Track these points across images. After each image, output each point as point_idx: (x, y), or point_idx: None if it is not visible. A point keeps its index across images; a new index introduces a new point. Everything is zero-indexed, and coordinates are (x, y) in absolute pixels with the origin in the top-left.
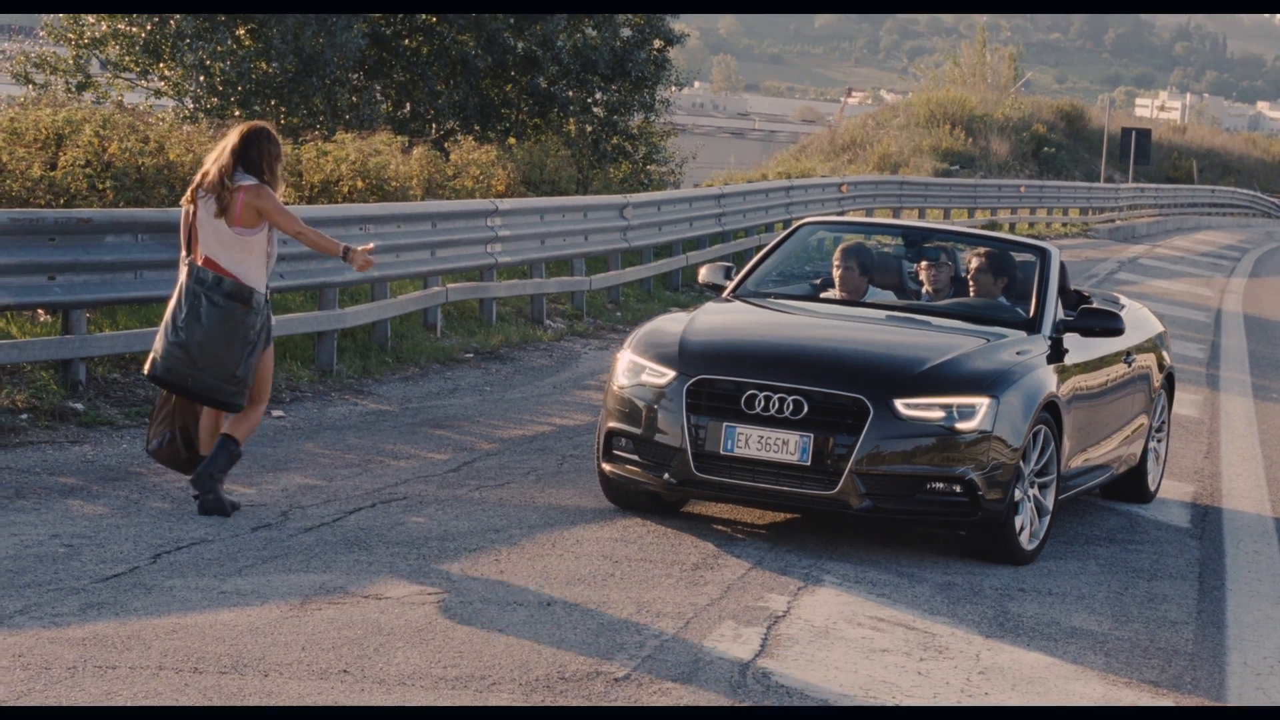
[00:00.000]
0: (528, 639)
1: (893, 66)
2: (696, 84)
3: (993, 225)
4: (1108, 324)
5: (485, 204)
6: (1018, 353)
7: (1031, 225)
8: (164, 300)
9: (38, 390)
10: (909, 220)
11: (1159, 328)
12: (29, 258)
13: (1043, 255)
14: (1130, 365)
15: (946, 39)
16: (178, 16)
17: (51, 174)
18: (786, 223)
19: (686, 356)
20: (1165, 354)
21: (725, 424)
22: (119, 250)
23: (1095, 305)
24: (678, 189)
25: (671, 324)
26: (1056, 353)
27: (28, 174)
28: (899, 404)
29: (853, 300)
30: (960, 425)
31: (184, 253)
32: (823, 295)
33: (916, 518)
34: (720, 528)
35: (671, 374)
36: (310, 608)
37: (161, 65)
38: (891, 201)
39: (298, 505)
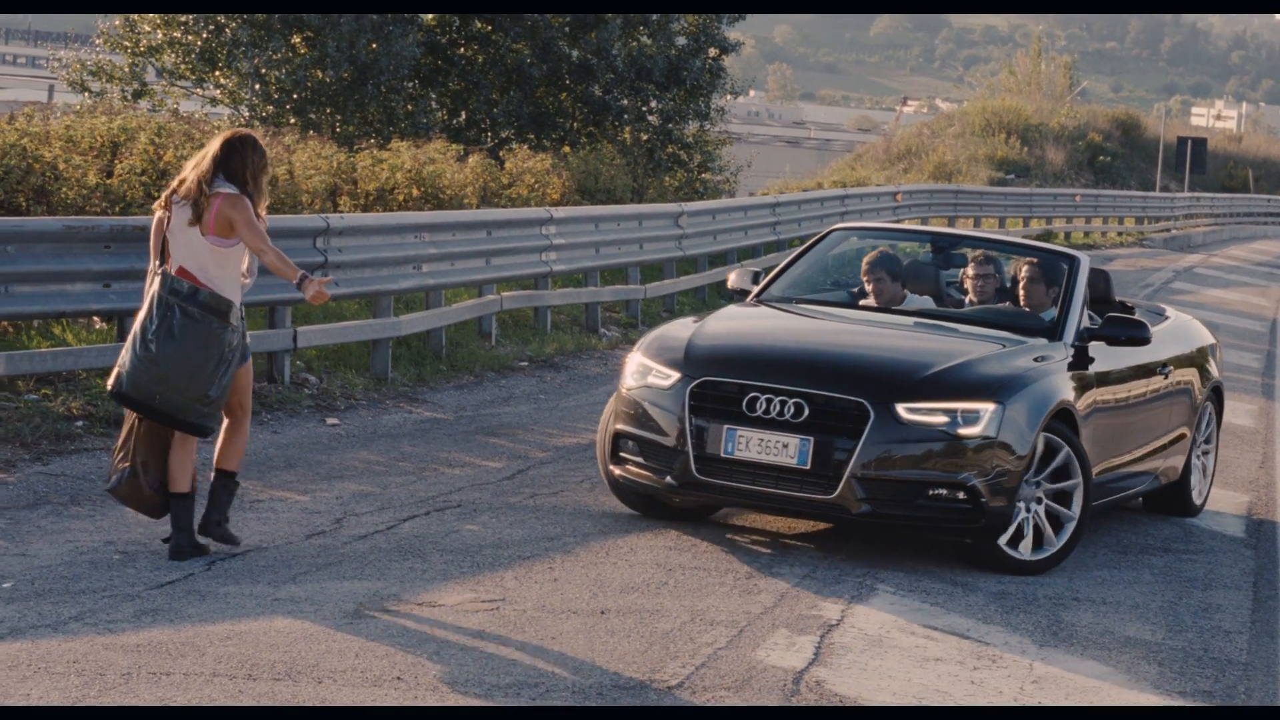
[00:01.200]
0: (581, 647)
1: (948, 75)
2: (752, 92)
3: (1048, 234)
4: (1133, 333)
5: (540, 212)
6: (1035, 359)
7: (1087, 234)
8: None
9: (92, 397)
10: (939, 227)
11: (1207, 340)
12: (84, 265)
13: (1071, 263)
14: (1167, 377)
15: (1002, 48)
16: (233, 25)
17: (107, 182)
18: None
19: (691, 359)
20: (1213, 367)
21: (726, 426)
22: None
23: (1122, 314)
24: (733, 198)
25: (682, 328)
26: (1080, 361)
27: (83, 182)
28: (901, 408)
29: (882, 307)
30: (963, 431)
31: (154, 262)
32: (861, 302)
33: (918, 524)
34: (774, 536)
35: (676, 376)
36: (364, 615)
37: (217, 73)
38: (947, 210)
39: (352, 513)
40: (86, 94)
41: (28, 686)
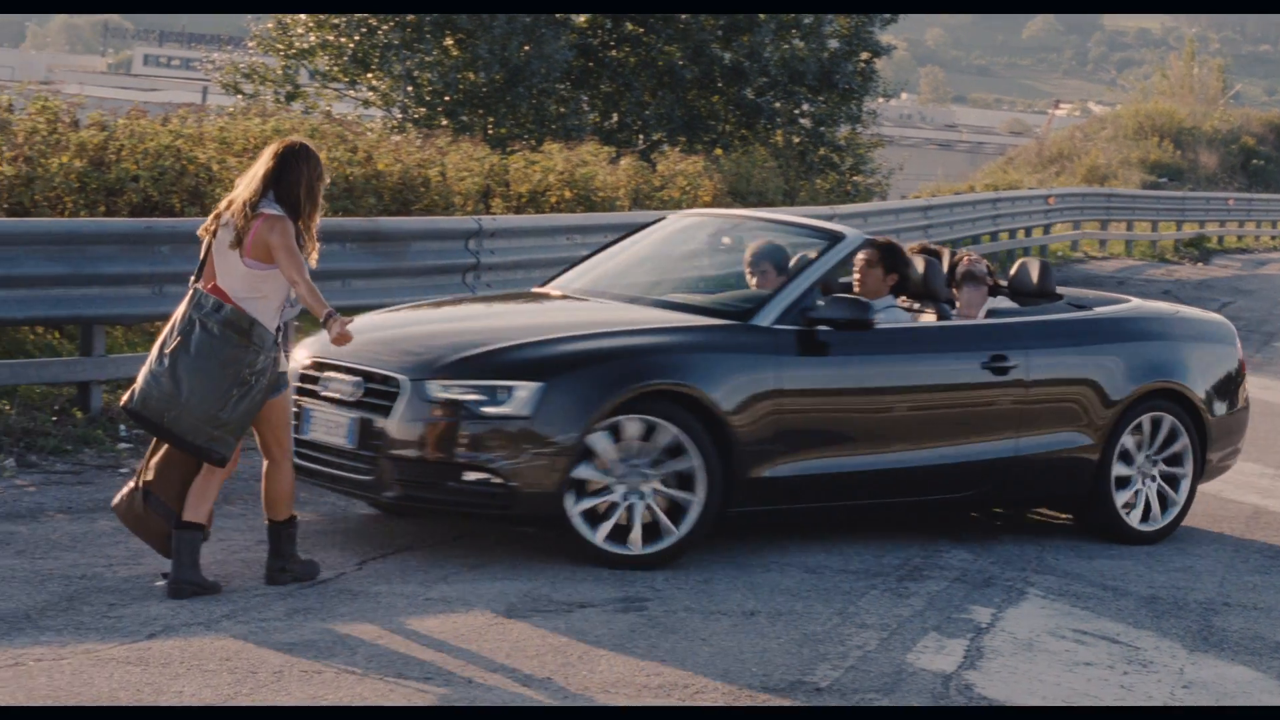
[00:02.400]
0: (731, 648)
1: (1101, 78)
2: (904, 95)
3: (1201, 239)
4: (853, 314)
5: None
6: (661, 341)
7: (1240, 239)
8: (371, 309)
9: None
10: (739, 209)
11: (1170, 340)
12: None
13: (829, 241)
14: (1007, 372)
15: (1155, 50)
16: (385, 27)
17: None
18: (993, 235)
19: (324, 339)
20: (1169, 374)
21: (306, 406)
22: (326, 259)
23: (845, 295)
24: (884, 200)
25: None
26: (806, 345)
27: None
28: (432, 385)
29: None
30: (490, 409)
31: (193, 278)
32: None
33: (451, 509)
34: (924, 538)
35: (307, 358)
36: (514, 615)
37: (369, 75)
38: (1099, 214)
39: None
40: (240, 96)
41: (180, 684)
